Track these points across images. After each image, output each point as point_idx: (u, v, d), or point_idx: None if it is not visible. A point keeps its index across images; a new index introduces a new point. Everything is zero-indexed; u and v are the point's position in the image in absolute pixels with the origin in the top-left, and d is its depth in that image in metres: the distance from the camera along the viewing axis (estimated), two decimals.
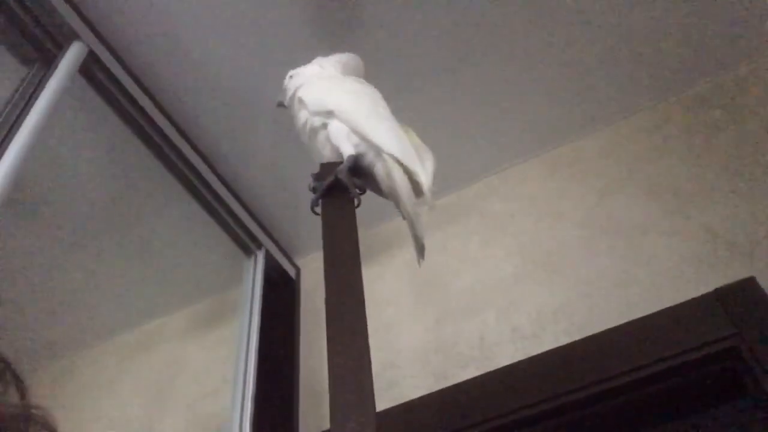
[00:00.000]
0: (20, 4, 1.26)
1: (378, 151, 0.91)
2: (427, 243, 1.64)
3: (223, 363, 1.66)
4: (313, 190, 0.91)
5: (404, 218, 0.92)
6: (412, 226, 0.91)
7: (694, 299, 1.26)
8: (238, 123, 1.57)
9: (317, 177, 0.92)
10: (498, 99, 1.61)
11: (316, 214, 0.89)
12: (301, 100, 0.97)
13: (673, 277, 1.33)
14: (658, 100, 1.63)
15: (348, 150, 0.90)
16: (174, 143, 1.49)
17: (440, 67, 1.54)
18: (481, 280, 1.55)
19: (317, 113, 0.94)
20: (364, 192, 0.93)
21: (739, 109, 1.52)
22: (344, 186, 0.88)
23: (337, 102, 0.94)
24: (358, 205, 0.91)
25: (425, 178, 0.90)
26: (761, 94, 1.52)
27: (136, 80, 1.42)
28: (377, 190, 0.95)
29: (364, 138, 0.91)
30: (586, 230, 1.51)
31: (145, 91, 1.43)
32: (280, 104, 1.06)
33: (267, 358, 1.57)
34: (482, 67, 1.55)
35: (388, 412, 1.36)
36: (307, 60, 1.11)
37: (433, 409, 1.34)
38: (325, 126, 0.93)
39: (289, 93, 1.02)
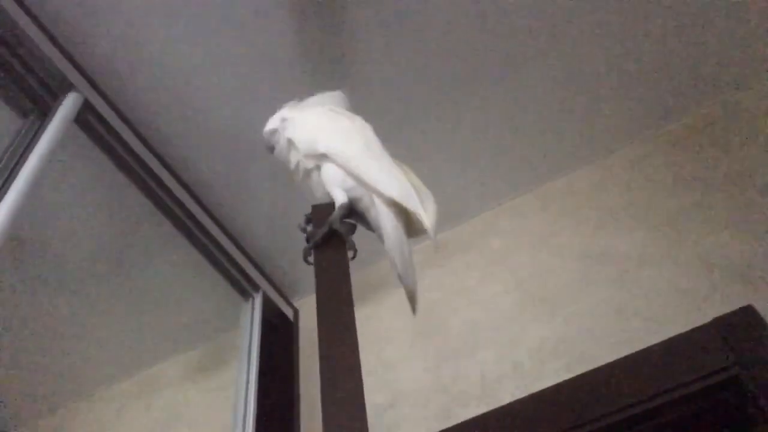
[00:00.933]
0: (15, 56, 1.28)
1: (372, 196, 0.88)
2: (425, 279, 1.64)
3: (222, 408, 1.63)
4: (306, 235, 0.89)
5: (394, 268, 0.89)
6: (402, 276, 0.88)
7: (693, 330, 1.25)
8: (234, 168, 1.59)
9: (309, 221, 0.91)
10: (491, 136, 1.63)
11: (309, 263, 0.87)
12: (291, 142, 0.94)
13: (671, 307, 1.33)
14: (649, 132, 1.65)
15: (340, 198, 0.88)
16: (170, 189, 1.50)
17: (432, 106, 1.57)
18: (480, 317, 1.54)
19: (309, 155, 0.92)
20: (354, 231, 0.92)
21: (729, 137, 1.54)
22: (338, 234, 0.87)
23: (328, 143, 0.91)
24: (354, 257, 0.88)
25: (426, 218, 0.88)
26: (750, 121, 1.54)
27: (132, 128, 1.43)
28: (371, 229, 0.93)
29: (359, 180, 0.88)
30: (582, 263, 1.51)
31: (141, 138, 1.45)
32: (270, 148, 1.01)
33: (267, 401, 1.55)
34: (473, 106, 1.57)
35: None
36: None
37: None
38: (318, 168, 0.91)
39: (277, 130, 0.98)
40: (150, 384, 1.89)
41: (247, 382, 1.58)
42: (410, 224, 0.91)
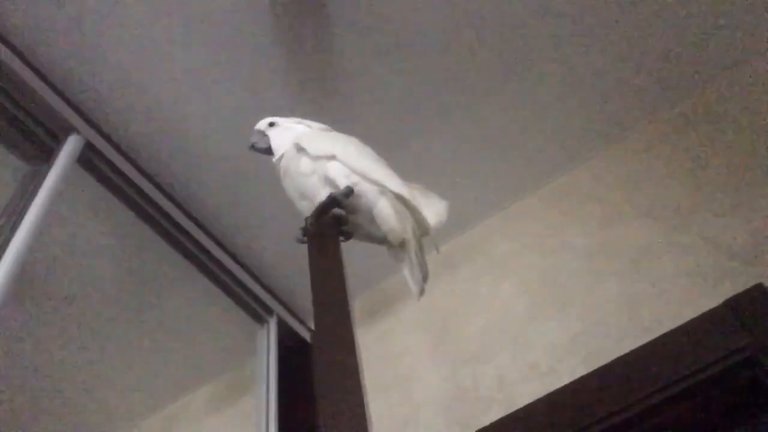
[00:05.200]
0: (16, 105, 1.33)
1: (381, 189, 0.93)
2: (436, 289, 1.64)
3: None
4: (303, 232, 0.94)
5: (400, 253, 0.92)
6: (417, 257, 0.91)
7: (705, 313, 1.24)
8: (239, 195, 1.62)
9: (305, 232, 0.94)
10: (490, 141, 1.65)
11: (302, 242, 0.93)
12: (300, 147, 0.99)
13: (682, 293, 1.32)
14: (646, 122, 1.65)
15: (345, 184, 0.92)
16: (177, 222, 1.53)
17: (432, 116, 1.59)
18: (494, 321, 1.54)
19: (319, 157, 0.96)
20: (349, 238, 0.96)
21: (726, 120, 1.54)
22: (336, 215, 0.91)
23: (342, 148, 0.97)
24: (347, 239, 0.95)
25: (430, 218, 0.95)
26: (744, 103, 1.54)
27: (134, 164, 1.47)
28: (367, 235, 0.95)
29: (366, 177, 0.93)
30: (590, 259, 1.51)
31: (144, 173, 1.48)
32: (252, 147, 1.07)
33: (288, 424, 1.55)
34: (471, 114, 1.60)
35: None
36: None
37: None
38: (321, 168, 0.95)
39: (264, 133, 1.05)
40: (174, 418, 1.91)
41: (267, 407, 1.59)
42: (418, 224, 0.95)
